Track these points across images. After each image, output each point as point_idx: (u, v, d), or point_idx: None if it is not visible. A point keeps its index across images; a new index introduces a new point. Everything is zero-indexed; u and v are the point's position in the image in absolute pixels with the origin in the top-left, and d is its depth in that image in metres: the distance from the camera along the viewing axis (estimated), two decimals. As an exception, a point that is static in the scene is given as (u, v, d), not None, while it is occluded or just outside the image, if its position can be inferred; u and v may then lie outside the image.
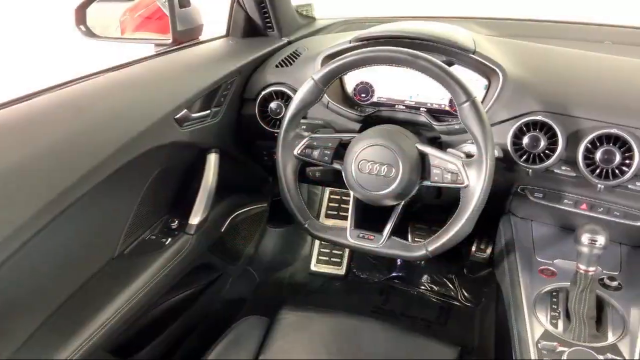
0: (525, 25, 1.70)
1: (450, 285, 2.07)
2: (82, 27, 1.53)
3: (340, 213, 2.17)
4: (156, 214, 1.35)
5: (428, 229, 2.00)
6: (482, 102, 1.25)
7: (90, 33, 1.54)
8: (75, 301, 1.08)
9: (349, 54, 1.12)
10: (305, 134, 1.22)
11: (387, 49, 1.10)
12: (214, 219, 1.44)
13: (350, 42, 1.35)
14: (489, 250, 1.92)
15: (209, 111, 1.34)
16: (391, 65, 1.12)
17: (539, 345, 1.05)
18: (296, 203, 1.22)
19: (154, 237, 1.31)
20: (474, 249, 2.04)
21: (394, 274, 2.15)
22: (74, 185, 0.97)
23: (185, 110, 1.24)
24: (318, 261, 2.16)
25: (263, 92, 1.43)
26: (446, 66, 1.06)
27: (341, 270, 2.15)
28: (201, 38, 1.58)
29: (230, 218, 1.57)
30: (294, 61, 1.47)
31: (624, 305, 1.14)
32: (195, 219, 1.33)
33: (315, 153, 1.20)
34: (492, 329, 1.64)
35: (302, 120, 1.31)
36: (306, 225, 1.22)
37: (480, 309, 1.94)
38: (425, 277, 2.11)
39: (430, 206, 1.47)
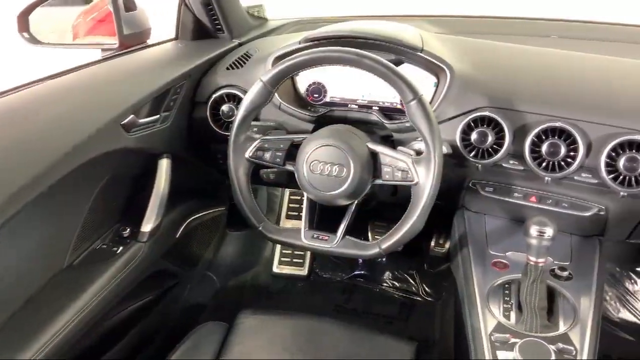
0: (474, 23, 1.72)
1: (412, 281, 2.09)
2: (25, 34, 1.48)
3: (301, 214, 2.16)
4: (107, 223, 1.32)
5: (387, 226, 2.01)
6: (431, 99, 1.26)
7: (34, 40, 1.50)
8: (23, 315, 1.05)
9: (296, 55, 1.11)
10: (257, 136, 1.21)
11: (334, 50, 1.10)
12: (167, 225, 1.41)
13: (300, 42, 1.35)
14: (447, 245, 1.95)
15: (158, 116, 1.32)
16: (339, 65, 1.12)
17: (492, 337, 1.07)
18: (249, 206, 1.21)
19: (104, 246, 1.28)
20: (432, 244, 2.06)
21: (356, 272, 2.16)
22: (16, 195, 0.94)
23: (132, 115, 1.21)
24: (280, 262, 2.15)
25: (214, 95, 1.41)
26: (392, 65, 1.07)
27: (303, 271, 2.15)
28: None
29: (185, 224, 1.54)
30: (245, 63, 1.46)
31: (574, 295, 1.16)
32: (147, 226, 1.30)
33: (267, 155, 1.19)
34: (452, 323, 1.66)
35: (254, 123, 1.30)
36: (260, 228, 1.21)
37: (441, 303, 1.97)
38: (387, 274, 2.13)
39: (388, 204, 1.48)
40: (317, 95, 1.42)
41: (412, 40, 1.28)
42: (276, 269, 2.14)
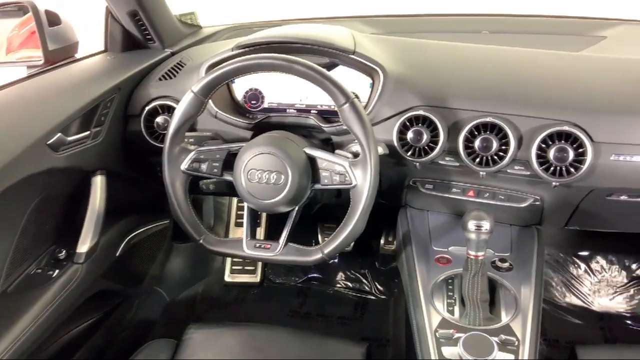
0: (408, 22, 1.74)
1: (364, 280, 2.10)
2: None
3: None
4: (41, 246, 1.27)
5: (336, 227, 2.01)
6: (367, 100, 1.26)
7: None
8: None
9: (227, 63, 1.09)
10: (192, 147, 1.18)
11: (265, 57, 1.08)
12: (105, 244, 1.37)
13: (232, 49, 1.33)
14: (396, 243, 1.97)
15: (88, 132, 1.27)
16: (270, 71, 1.11)
17: (437, 334, 1.08)
18: (188, 220, 1.18)
19: (39, 270, 1.23)
20: (382, 242, 2.08)
21: (309, 276, 2.16)
22: None
23: (60, 134, 1.16)
24: (232, 271, 2.13)
25: (147, 107, 1.37)
26: (323, 70, 1.06)
27: (256, 278, 2.13)
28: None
29: (125, 240, 1.50)
30: (178, 72, 1.43)
31: (515, 285, 1.19)
32: (83, 247, 1.26)
33: (204, 166, 1.17)
34: (403, 320, 1.67)
35: (189, 134, 1.27)
36: (201, 241, 1.19)
37: (393, 300, 1.99)
38: (340, 275, 2.14)
39: (336, 205, 1.48)
40: (254, 102, 1.41)
41: (344, 42, 1.27)
42: (228, 278, 2.12)
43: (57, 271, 1.23)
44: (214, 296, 2.06)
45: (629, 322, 1.91)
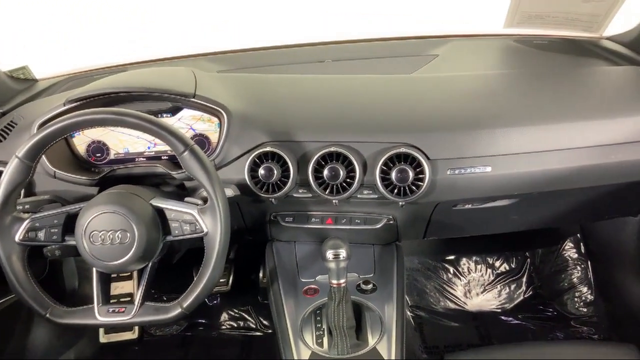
0: (253, 56, 1.74)
1: (249, 317, 2.07)
2: None
3: (120, 275, 2.03)
4: None
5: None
6: (217, 141, 1.24)
7: None
8: None
9: (51, 123, 1.03)
10: (25, 215, 1.09)
11: (91, 112, 1.03)
12: None
13: (64, 104, 1.25)
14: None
15: None
16: (103, 126, 1.06)
17: None
18: (31, 294, 1.08)
19: None
20: (261, 275, 2.06)
21: (193, 321, 2.07)
22: None
23: None
24: (107, 331, 2.00)
25: None
26: (156, 119, 1.03)
27: (134, 334, 2.01)
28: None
29: None
30: (9, 133, 1.32)
31: (379, 305, 1.22)
32: None
33: (41, 234, 1.08)
34: None
35: (23, 200, 1.18)
36: (47, 316, 1.09)
37: (279, 334, 1.96)
38: (223, 316, 2.09)
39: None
40: (99, 155, 1.33)
41: (183, 86, 1.25)
42: (103, 338, 1.98)
43: None
44: None
45: (501, 317, 2.04)
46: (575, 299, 2.03)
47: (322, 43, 1.81)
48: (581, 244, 2.09)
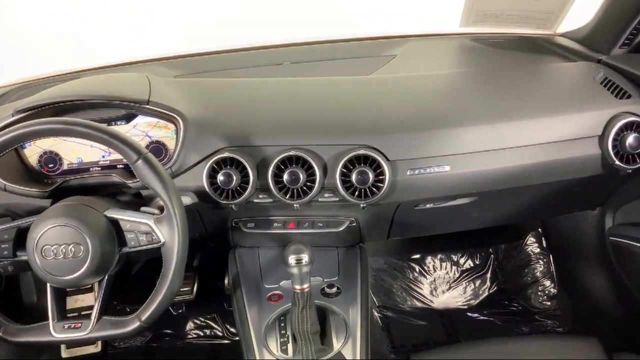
0: (210, 60, 1.71)
1: (215, 325, 2.04)
2: None
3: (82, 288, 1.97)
4: None
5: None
6: (174, 147, 1.21)
7: None
8: None
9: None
10: None
11: (39, 122, 0.99)
12: None
13: (13, 115, 1.20)
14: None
15: None
16: (52, 137, 1.02)
17: None
18: None
19: None
20: (226, 282, 2.03)
21: (158, 332, 2.03)
22: None
23: None
24: (68, 346, 1.93)
25: None
26: (107, 128, 1.00)
27: (97, 348, 1.96)
28: None
29: None
30: None
31: (343, 308, 1.21)
32: None
33: None
34: None
35: None
36: (0, 334, 1.05)
37: (245, 341, 1.94)
38: (189, 325, 2.05)
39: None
40: (52, 165, 1.29)
41: (137, 93, 1.22)
42: (65, 353, 1.92)
43: None
44: None
45: (467, 314, 2.06)
46: (539, 293, 2.06)
47: (281, 45, 1.79)
48: (542, 238, 2.13)
